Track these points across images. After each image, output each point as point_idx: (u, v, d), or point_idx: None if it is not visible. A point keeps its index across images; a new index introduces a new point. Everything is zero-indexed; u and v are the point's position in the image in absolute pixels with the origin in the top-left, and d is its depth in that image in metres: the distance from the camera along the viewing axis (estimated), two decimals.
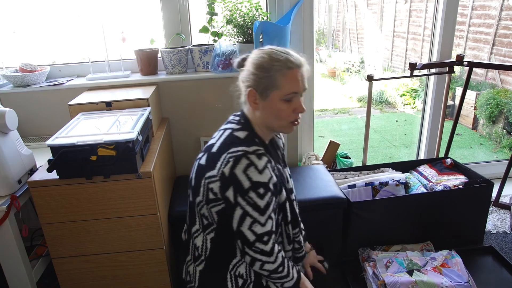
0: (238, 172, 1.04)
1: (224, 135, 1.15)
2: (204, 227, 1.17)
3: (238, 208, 1.06)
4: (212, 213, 1.13)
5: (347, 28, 8.23)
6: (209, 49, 2.01)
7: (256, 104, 1.14)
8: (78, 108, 1.64)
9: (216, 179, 1.08)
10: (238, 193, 1.05)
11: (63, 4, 2.12)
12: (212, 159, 1.11)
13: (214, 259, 1.17)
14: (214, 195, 1.10)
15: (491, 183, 1.92)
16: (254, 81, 1.11)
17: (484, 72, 4.73)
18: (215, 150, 1.12)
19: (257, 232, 1.07)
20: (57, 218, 1.42)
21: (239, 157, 1.05)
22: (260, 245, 1.08)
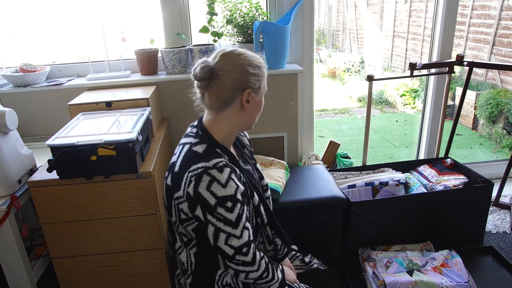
0: (202, 191, 1.02)
1: (183, 152, 1.13)
2: (185, 244, 1.18)
3: (210, 226, 1.05)
4: (189, 231, 1.13)
5: (347, 28, 8.23)
6: (209, 49, 2.01)
7: (248, 104, 1.12)
8: (78, 108, 1.64)
9: (183, 200, 1.07)
10: (206, 211, 1.03)
11: (63, 4, 2.12)
12: (176, 179, 1.09)
13: (200, 272, 1.18)
14: (185, 215, 1.09)
15: (491, 183, 1.92)
16: (251, 80, 1.10)
17: (484, 72, 4.74)
18: (177, 169, 1.10)
19: (234, 245, 1.06)
20: (57, 218, 1.42)
21: (200, 175, 1.02)
22: (240, 257, 1.07)
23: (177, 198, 1.08)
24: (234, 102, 1.11)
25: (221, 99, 1.10)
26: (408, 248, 1.87)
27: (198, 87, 1.14)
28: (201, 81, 1.10)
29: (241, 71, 1.09)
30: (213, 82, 1.09)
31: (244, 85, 1.10)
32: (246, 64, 1.10)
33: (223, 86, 1.09)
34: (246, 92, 1.10)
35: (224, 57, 1.10)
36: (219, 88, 1.09)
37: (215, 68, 1.09)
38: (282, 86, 2.10)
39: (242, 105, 1.12)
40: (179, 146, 1.18)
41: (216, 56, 1.11)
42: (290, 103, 2.14)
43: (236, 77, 1.09)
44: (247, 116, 1.15)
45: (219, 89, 1.09)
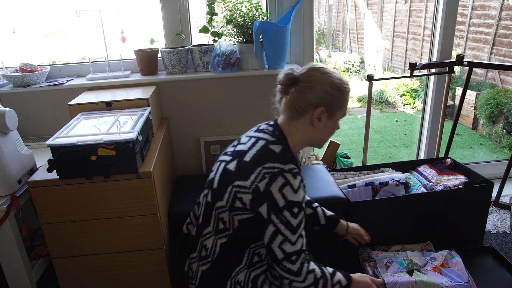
0: (274, 190, 1.04)
1: (258, 146, 1.13)
2: (218, 231, 1.16)
3: (271, 226, 1.06)
4: (234, 220, 1.12)
5: (347, 28, 8.23)
6: (209, 49, 2.01)
7: (318, 122, 1.15)
8: (78, 108, 1.64)
9: (248, 192, 1.07)
10: (272, 211, 1.05)
11: (63, 4, 2.12)
12: (244, 169, 1.10)
13: (220, 264, 1.17)
14: (242, 205, 1.09)
15: (491, 183, 1.92)
16: (328, 100, 1.13)
17: (484, 72, 4.74)
18: (248, 160, 1.11)
19: (286, 250, 1.07)
20: (57, 218, 1.42)
21: (276, 175, 1.05)
22: (287, 264, 1.08)
23: (239, 186, 1.08)
24: (306, 115, 1.14)
25: (294, 108, 1.14)
26: (408, 248, 1.87)
27: (279, 91, 1.18)
28: (282, 86, 1.16)
29: (320, 88, 1.12)
30: (292, 90, 1.13)
31: (319, 102, 1.12)
32: (328, 83, 1.12)
33: (299, 96, 1.12)
34: (319, 109, 1.13)
35: (311, 70, 1.14)
36: (296, 97, 1.13)
37: (299, 78, 1.14)
38: None
39: (313, 121, 1.14)
40: (251, 138, 1.18)
41: (305, 68, 1.16)
42: None
43: (314, 92, 1.12)
44: (316, 133, 1.18)
45: (295, 98, 1.13)
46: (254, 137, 1.17)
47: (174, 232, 1.73)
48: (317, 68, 1.15)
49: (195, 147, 2.19)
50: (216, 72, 2.00)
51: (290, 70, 1.15)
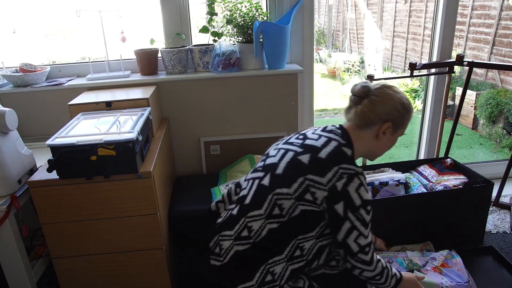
0: (351, 190, 1.11)
1: (332, 146, 1.18)
2: (270, 216, 1.16)
3: (347, 222, 1.13)
4: (296, 209, 1.14)
5: (347, 28, 8.24)
6: (209, 49, 2.01)
7: (382, 135, 1.23)
8: (78, 108, 1.64)
9: (324, 188, 1.12)
10: (349, 209, 1.12)
11: (63, 4, 2.12)
12: (319, 165, 1.14)
13: (260, 248, 1.16)
14: (312, 198, 1.13)
15: (491, 183, 1.92)
16: (396, 117, 1.21)
17: (484, 72, 4.74)
18: (324, 157, 1.15)
19: (361, 244, 1.15)
20: (57, 218, 1.42)
21: (353, 176, 1.12)
22: (362, 255, 1.16)
23: (314, 181, 1.12)
24: (373, 127, 1.22)
25: (364, 119, 1.21)
26: (408, 248, 1.87)
27: (351, 100, 1.26)
28: (355, 97, 1.24)
29: (392, 105, 1.21)
30: (364, 101, 1.22)
31: (388, 118, 1.21)
32: (399, 102, 1.21)
33: (371, 109, 1.20)
34: (387, 124, 1.21)
35: (384, 87, 1.24)
36: (367, 109, 1.21)
37: (372, 92, 1.22)
38: (282, 86, 2.10)
39: (378, 134, 1.23)
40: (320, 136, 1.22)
41: (378, 84, 1.25)
42: (290, 103, 2.14)
43: (385, 108, 1.20)
44: (377, 146, 1.26)
45: (366, 110, 1.21)
46: (325, 136, 1.22)
47: (174, 232, 1.73)
48: (389, 86, 1.24)
49: (195, 147, 2.19)
50: (216, 72, 2.00)
51: (366, 83, 1.24)
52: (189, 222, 1.71)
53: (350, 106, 1.25)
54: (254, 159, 2.03)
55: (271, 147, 1.33)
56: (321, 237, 1.19)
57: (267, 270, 1.16)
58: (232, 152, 2.17)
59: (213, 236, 1.26)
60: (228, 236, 1.21)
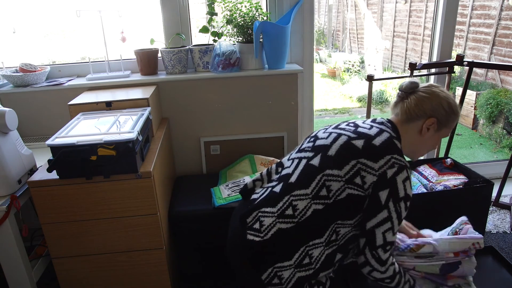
0: (399, 180, 1.12)
1: (384, 136, 1.19)
2: (316, 196, 1.17)
3: (385, 211, 1.12)
4: (343, 192, 1.15)
5: (347, 28, 8.24)
6: (209, 49, 2.01)
7: (427, 132, 1.25)
8: (78, 108, 1.64)
9: (374, 174, 1.13)
10: (392, 198, 1.12)
11: (63, 4, 2.12)
12: (372, 151, 1.16)
13: (303, 228, 1.16)
14: (361, 182, 1.14)
15: (491, 183, 1.92)
16: (442, 115, 1.23)
17: (484, 72, 4.74)
18: (378, 145, 1.17)
19: (386, 239, 1.14)
20: (57, 218, 1.42)
21: (403, 167, 1.13)
22: (380, 251, 1.14)
23: (366, 165, 1.14)
24: (417, 121, 1.24)
25: (410, 113, 1.24)
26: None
27: (398, 96, 1.29)
28: (403, 92, 1.27)
29: (438, 103, 1.23)
30: (411, 97, 1.25)
31: (433, 114, 1.23)
32: (446, 100, 1.24)
33: (417, 104, 1.23)
34: (432, 119, 1.23)
35: (432, 86, 1.27)
36: (414, 104, 1.24)
37: (420, 88, 1.26)
38: (282, 86, 2.10)
39: (422, 129, 1.24)
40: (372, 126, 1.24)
41: (427, 84, 1.29)
42: (290, 103, 2.14)
43: (431, 104, 1.23)
44: (421, 143, 1.27)
45: (413, 105, 1.24)
46: (377, 127, 1.24)
47: (174, 232, 1.74)
48: (438, 86, 1.28)
49: (195, 147, 2.19)
50: (216, 72, 2.00)
51: (415, 80, 1.28)
52: (189, 222, 1.71)
53: (397, 102, 1.29)
54: (254, 159, 2.03)
55: (319, 130, 1.34)
56: (356, 227, 1.19)
57: (306, 252, 1.16)
58: (232, 152, 2.17)
59: (251, 211, 1.23)
60: (270, 213, 1.19)
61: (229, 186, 1.84)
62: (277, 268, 1.14)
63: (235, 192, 1.75)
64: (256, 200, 1.26)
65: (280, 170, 1.32)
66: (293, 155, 1.32)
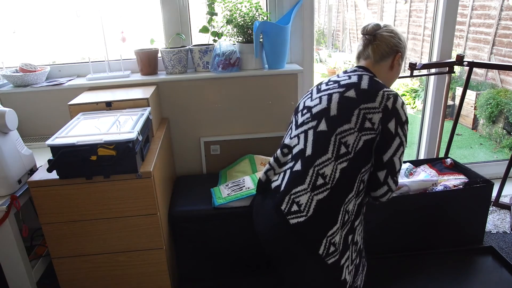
0: (399, 107, 1.21)
1: (366, 78, 1.29)
2: (338, 156, 1.21)
3: (397, 138, 1.21)
4: (360, 141, 1.21)
5: (347, 28, 8.23)
6: (209, 49, 2.01)
7: (397, 66, 1.37)
8: (78, 108, 1.64)
9: (378, 111, 1.20)
10: (399, 125, 1.20)
11: (63, 4, 2.12)
12: (367, 94, 1.24)
13: (338, 190, 1.20)
14: (371, 124, 1.20)
15: (491, 183, 1.92)
16: (403, 48, 1.36)
17: (484, 72, 4.73)
18: (367, 87, 1.25)
19: (401, 162, 1.24)
20: (57, 218, 1.42)
21: (396, 96, 1.23)
22: (398, 175, 1.25)
23: (368, 108, 1.21)
24: (387, 59, 1.35)
25: (380, 53, 1.34)
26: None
27: (364, 40, 1.38)
28: (368, 35, 1.36)
29: (398, 38, 1.36)
30: (378, 38, 1.35)
31: (398, 49, 1.36)
32: (400, 35, 1.37)
33: (385, 43, 1.34)
34: (398, 55, 1.35)
35: (387, 26, 1.38)
36: (384, 43, 1.34)
37: (383, 28, 1.36)
38: (282, 86, 2.10)
39: (393, 64, 1.36)
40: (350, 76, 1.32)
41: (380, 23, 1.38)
42: (290, 103, 2.14)
43: (395, 41, 1.35)
44: (391, 76, 1.39)
45: (381, 44, 1.34)
46: (354, 74, 1.32)
47: (174, 232, 1.74)
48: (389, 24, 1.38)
49: (195, 147, 2.19)
50: (216, 72, 2.00)
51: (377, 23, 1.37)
52: (189, 222, 1.71)
53: (365, 46, 1.37)
54: (254, 159, 2.03)
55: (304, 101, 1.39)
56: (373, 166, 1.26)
57: (345, 210, 1.21)
58: (232, 152, 2.17)
59: (282, 198, 1.23)
60: (303, 190, 1.21)
61: (229, 186, 1.84)
62: (330, 236, 1.18)
63: (235, 192, 1.75)
64: (281, 186, 1.26)
65: (287, 152, 1.33)
66: (294, 133, 1.33)
